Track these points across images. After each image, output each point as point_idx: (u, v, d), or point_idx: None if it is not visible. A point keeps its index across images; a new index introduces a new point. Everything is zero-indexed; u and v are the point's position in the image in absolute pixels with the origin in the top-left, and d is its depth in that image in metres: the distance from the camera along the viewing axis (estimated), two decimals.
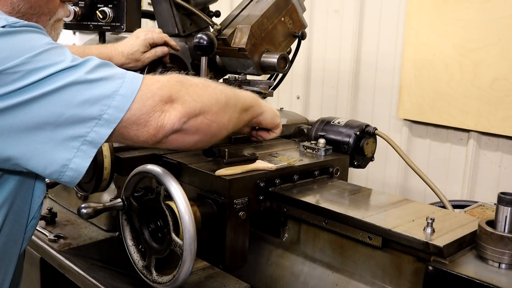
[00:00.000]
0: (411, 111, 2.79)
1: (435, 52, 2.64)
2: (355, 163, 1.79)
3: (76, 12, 1.90)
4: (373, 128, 1.80)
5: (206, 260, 1.52)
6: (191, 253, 1.24)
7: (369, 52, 3.01)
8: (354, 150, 1.77)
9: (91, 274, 1.67)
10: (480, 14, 2.46)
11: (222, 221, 1.41)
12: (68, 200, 2.04)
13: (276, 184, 1.52)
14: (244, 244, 1.47)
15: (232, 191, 1.40)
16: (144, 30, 1.82)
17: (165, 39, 1.83)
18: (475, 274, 1.12)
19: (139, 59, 1.78)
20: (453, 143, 2.71)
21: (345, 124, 1.82)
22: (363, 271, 1.40)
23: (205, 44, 1.60)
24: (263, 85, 1.80)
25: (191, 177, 1.52)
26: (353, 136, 1.76)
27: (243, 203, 1.43)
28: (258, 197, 1.48)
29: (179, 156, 1.62)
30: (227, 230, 1.41)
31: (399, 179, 2.93)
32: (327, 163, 1.68)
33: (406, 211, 1.41)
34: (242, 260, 1.49)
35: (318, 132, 1.82)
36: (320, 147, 1.72)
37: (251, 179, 1.46)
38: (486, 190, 2.60)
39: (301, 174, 1.59)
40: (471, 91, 2.53)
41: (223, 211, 1.40)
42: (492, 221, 1.18)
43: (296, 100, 3.40)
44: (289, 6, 1.95)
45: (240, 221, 1.43)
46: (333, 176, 1.69)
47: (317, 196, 1.51)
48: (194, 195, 1.47)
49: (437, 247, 1.16)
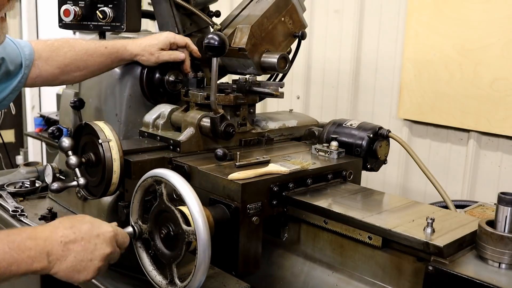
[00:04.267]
0: (411, 111, 2.79)
1: (435, 52, 2.64)
2: (368, 166, 1.77)
3: (76, 12, 1.90)
4: (387, 130, 1.77)
5: (218, 266, 1.47)
6: (205, 259, 1.21)
7: (369, 52, 3.01)
8: (367, 153, 1.74)
9: None
10: (480, 14, 2.46)
11: (235, 227, 1.37)
12: (68, 200, 2.04)
13: (290, 188, 1.49)
14: (257, 250, 1.44)
15: (245, 195, 1.37)
16: (169, 31, 1.86)
17: (186, 41, 1.84)
18: (475, 274, 1.12)
19: (153, 53, 1.79)
20: (453, 143, 2.71)
21: (357, 127, 1.79)
22: (363, 271, 1.40)
23: (217, 44, 1.52)
24: (274, 86, 1.77)
25: (202, 181, 1.49)
26: (366, 139, 1.74)
27: (256, 208, 1.40)
28: (271, 201, 1.45)
29: (189, 159, 1.59)
30: (240, 236, 1.38)
31: (399, 179, 2.93)
32: (340, 166, 1.65)
33: (406, 211, 1.42)
34: (255, 266, 1.46)
35: (330, 134, 1.79)
36: (333, 150, 1.70)
37: (264, 183, 1.43)
38: (486, 190, 2.60)
39: (314, 177, 1.56)
40: (471, 91, 2.53)
41: (236, 217, 1.37)
42: (492, 221, 1.18)
43: (296, 100, 3.40)
44: (289, 6, 1.95)
45: (253, 227, 1.40)
46: (346, 180, 1.66)
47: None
48: (205, 200, 1.43)
49: (437, 247, 1.16)
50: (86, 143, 1.55)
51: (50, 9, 4.69)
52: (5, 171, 2.46)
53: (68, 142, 1.49)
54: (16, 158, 6.41)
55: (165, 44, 1.81)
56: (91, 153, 1.51)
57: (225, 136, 1.64)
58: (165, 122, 1.78)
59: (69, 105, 1.95)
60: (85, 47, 1.75)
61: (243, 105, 1.78)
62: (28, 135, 5.98)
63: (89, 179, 1.54)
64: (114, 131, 1.51)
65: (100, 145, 1.46)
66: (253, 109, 1.84)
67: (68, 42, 1.77)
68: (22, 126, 6.60)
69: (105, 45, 1.78)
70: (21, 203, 2.10)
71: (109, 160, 1.46)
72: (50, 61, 1.71)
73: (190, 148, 1.68)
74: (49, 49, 1.72)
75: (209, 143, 1.72)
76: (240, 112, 1.78)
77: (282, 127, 1.98)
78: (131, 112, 1.88)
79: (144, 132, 1.80)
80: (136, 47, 1.79)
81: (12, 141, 6.51)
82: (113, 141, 1.47)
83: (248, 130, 1.83)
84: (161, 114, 1.80)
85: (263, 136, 1.87)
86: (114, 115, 1.89)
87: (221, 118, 1.63)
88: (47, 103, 6.31)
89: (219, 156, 1.53)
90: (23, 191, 2.19)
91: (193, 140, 1.68)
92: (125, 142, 1.67)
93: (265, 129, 1.91)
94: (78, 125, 1.59)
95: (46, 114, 5.37)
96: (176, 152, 1.66)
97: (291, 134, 2.01)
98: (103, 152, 1.46)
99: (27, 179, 2.26)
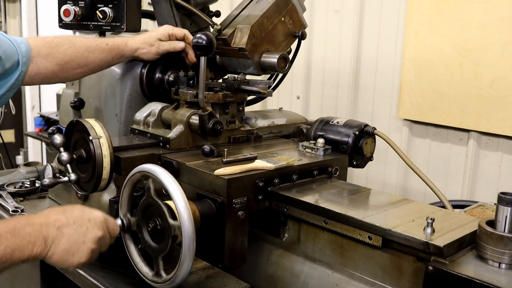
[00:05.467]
0: (411, 111, 2.79)
1: (435, 52, 2.64)
2: (354, 163, 1.80)
3: (76, 12, 1.90)
4: (372, 128, 1.80)
5: (205, 259, 1.52)
6: (189, 252, 1.24)
7: (369, 52, 3.01)
8: (353, 150, 1.77)
9: (91, 274, 1.68)
10: (480, 14, 2.46)
11: (221, 221, 1.41)
12: (68, 200, 2.04)
13: (275, 184, 1.52)
14: (243, 244, 1.47)
15: (231, 190, 1.40)
16: (167, 25, 1.90)
17: (185, 32, 1.87)
18: (475, 274, 1.12)
19: (153, 44, 1.82)
20: (453, 143, 2.71)
21: (344, 124, 1.82)
22: (363, 271, 1.40)
23: (204, 44, 1.60)
24: (262, 85, 1.79)
25: (190, 176, 1.52)
26: (352, 136, 1.77)
27: (242, 202, 1.43)
28: (257, 196, 1.48)
29: (178, 156, 1.62)
30: (226, 230, 1.41)
31: (399, 179, 2.93)
32: (326, 163, 1.68)
33: (406, 211, 1.42)
34: (241, 259, 1.49)
35: (317, 132, 1.82)
36: (319, 147, 1.73)
37: (250, 178, 1.46)
38: (486, 190, 2.60)
39: (300, 173, 1.59)
40: (471, 91, 2.53)
41: (222, 211, 1.40)
42: (492, 221, 1.18)
43: (296, 100, 3.40)
44: (289, 6, 1.95)
45: (239, 221, 1.43)
46: (332, 176, 1.69)
47: (316, 195, 1.51)
48: (193, 195, 1.47)
49: (437, 247, 1.16)
50: (77, 140, 1.59)
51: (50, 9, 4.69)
52: (5, 171, 2.46)
53: (59, 139, 1.53)
54: (16, 158, 6.42)
55: (164, 36, 1.84)
56: (82, 149, 1.55)
57: (213, 133, 1.68)
58: (156, 119, 1.81)
59: (69, 105, 1.95)
60: (86, 44, 1.76)
61: (232, 103, 1.83)
62: (28, 135, 5.99)
63: (80, 175, 1.57)
64: (105, 128, 1.54)
65: (91, 142, 1.49)
66: (242, 107, 1.88)
67: (68, 39, 1.77)
68: (22, 126, 6.61)
69: (106, 41, 1.80)
70: (21, 203, 2.11)
71: (100, 156, 1.49)
72: (49, 57, 1.71)
73: (179, 145, 1.71)
74: (48, 46, 1.72)
75: (198, 140, 1.76)
76: (229, 110, 1.82)
77: (271, 125, 2.01)
78: (131, 112, 1.88)
79: (135, 130, 1.83)
80: (136, 41, 1.82)
81: (12, 141, 6.51)
82: (104, 138, 1.51)
83: (237, 127, 1.86)
84: (151, 112, 1.83)
85: (252, 134, 1.90)
86: (114, 115, 1.89)
87: (209, 115, 1.67)
88: (47, 103, 6.32)
89: (206, 153, 1.56)
90: (23, 191, 2.19)
91: (182, 137, 1.72)
92: (116, 139, 1.71)
93: (254, 126, 1.94)
94: (70, 122, 1.62)
95: (46, 114, 5.38)
96: (166, 149, 1.69)
97: (280, 131, 2.04)
98: (94, 149, 1.49)
99: (27, 179, 2.26)
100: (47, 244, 1.23)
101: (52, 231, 1.25)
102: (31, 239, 1.21)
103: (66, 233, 1.26)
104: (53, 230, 1.25)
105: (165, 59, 1.90)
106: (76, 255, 1.27)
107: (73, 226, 1.27)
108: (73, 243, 1.26)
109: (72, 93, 2.06)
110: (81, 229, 1.28)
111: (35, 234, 1.22)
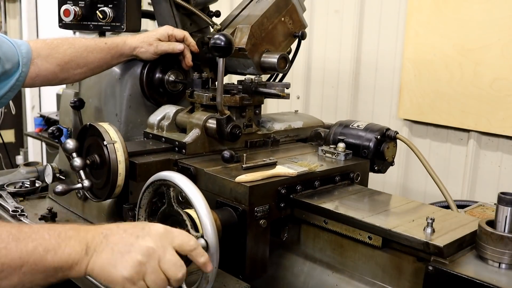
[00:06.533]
0: (411, 111, 2.79)
1: (435, 52, 2.64)
2: (376, 168, 1.76)
3: (76, 12, 1.90)
4: (394, 132, 1.75)
5: (225, 269, 1.45)
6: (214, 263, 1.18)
7: (369, 52, 3.01)
8: (375, 154, 1.73)
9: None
10: (480, 14, 2.46)
11: (243, 230, 1.36)
12: (68, 200, 2.04)
13: (297, 191, 1.47)
14: (264, 254, 1.43)
15: (253, 198, 1.36)
16: (167, 25, 1.89)
17: (185, 33, 1.86)
18: (475, 274, 1.12)
19: (152, 43, 1.81)
20: (453, 143, 2.71)
21: (364, 128, 1.77)
22: (363, 271, 1.40)
23: (223, 45, 1.50)
24: (280, 87, 1.75)
25: (209, 183, 1.47)
26: (373, 140, 1.72)
27: (264, 210, 1.39)
28: (279, 204, 1.43)
29: (195, 161, 1.57)
30: (248, 239, 1.36)
31: (399, 179, 2.93)
32: (347, 168, 1.63)
33: (406, 211, 1.42)
34: (262, 270, 1.44)
35: (337, 136, 1.77)
36: (340, 152, 1.68)
37: (272, 185, 1.41)
38: (486, 190, 2.60)
39: (322, 180, 1.54)
40: (471, 91, 2.53)
41: (244, 220, 1.35)
42: (492, 221, 1.18)
43: (296, 100, 3.40)
44: (289, 6, 1.95)
45: (260, 230, 1.39)
46: (354, 182, 1.65)
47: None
48: (212, 202, 1.40)
49: (437, 247, 1.16)
50: (90, 145, 1.54)
51: (50, 9, 4.69)
52: (5, 171, 2.45)
53: (72, 144, 1.46)
54: (16, 158, 6.42)
55: (163, 36, 1.83)
56: (95, 155, 1.50)
57: (232, 138, 1.63)
58: (170, 123, 1.77)
59: (69, 105, 1.95)
60: (85, 44, 1.76)
61: (249, 106, 1.77)
62: (28, 135, 5.99)
63: (94, 181, 1.52)
64: (119, 132, 1.50)
65: (105, 147, 1.45)
66: (258, 110, 1.83)
67: (68, 40, 1.77)
68: (22, 126, 6.61)
69: (105, 41, 1.80)
70: (21, 203, 2.10)
71: (114, 162, 1.44)
72: (49, 58, 1.71)
73: (195, 149, 1.66)
74: (48, 47, 1.72)
75: (215, 144, 1.71)
76: (246, 113, 1.77)
77: (288, 128, 1.96)
78: (131, 112, 1.88)
79: (148, 134, 1.79)
80: (135, 40, 1.81)
81: (12, 141, 6.51)
82: (118, 143, 1.46)
83: (254, 131, 1.81)
84: (166, 115, 1.79)
85: (269, 138, 1.85)
86: (114, 115, 1.89)
87: (228, 119, 1.62)
88: (47, 103, 6.32)
89: (226, 158, 1.50)
90: (23, 191, 2.19)
91: (198, 142, 1.67)
92: (129, 144, 1.65)
93: (271, 130, 1.89)
94: (83, 127, 1.58)
95: (46, 114, 5.38)
96: (182, 154, 1.64)
97: (297, 135, 1.99)
98: (108, 154, 1.44)
99: (27, 179, 2.26)
100: (88, 252, 1.05)
101: (98, 238, 1.07)
102: (69, 242, 1.04)
103: (111, 241, 1.06)
104: (98, 237, 1.07)
105: (165, 59, 1.89)
106: (118, 267, 1.04)
107: (121, 234, 1.08)
108: (116, 252, 1.05)
109: (72, 93, 2.06)
110: (129, 238, 1.07)
111: (77, 238, 1.05)
